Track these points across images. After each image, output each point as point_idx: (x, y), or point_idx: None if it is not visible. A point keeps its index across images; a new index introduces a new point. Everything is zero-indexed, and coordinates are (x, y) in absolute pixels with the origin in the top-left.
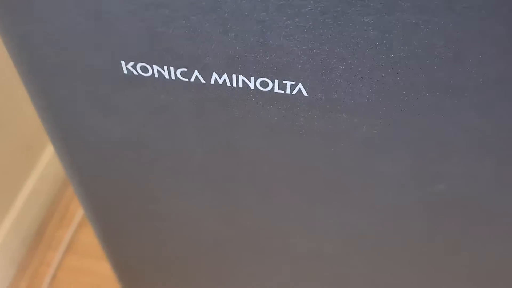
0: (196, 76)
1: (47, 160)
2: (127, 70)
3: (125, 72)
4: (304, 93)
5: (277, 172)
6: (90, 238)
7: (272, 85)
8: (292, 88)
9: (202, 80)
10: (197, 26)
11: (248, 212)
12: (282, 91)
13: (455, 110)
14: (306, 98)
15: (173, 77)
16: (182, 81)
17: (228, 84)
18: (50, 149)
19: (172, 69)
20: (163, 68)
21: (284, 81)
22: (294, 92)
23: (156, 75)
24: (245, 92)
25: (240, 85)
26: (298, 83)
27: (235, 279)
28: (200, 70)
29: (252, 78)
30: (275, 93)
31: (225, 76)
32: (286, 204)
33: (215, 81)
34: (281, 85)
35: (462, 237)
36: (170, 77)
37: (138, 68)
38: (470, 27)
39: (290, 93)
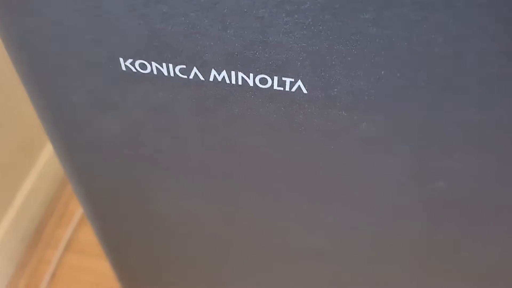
0: (195, 73)
1: (46, 158)
2: (126, 67)
3: (123, 69)
4: (304, 90)
5: (276, 170)
6: (89, 236)
7: (271, 82)
8: (291, 85)
9: (201, 77)
10: (196, 23)
11: (247, 210)
12: (281, 88)
13: (455, 107)
14: (305, 95)
15: (172, 74)
16: (181, 78)
17: (227, 81)
18: (49, 148)
19: (171, 66)
20: (161, 65)
21: (283, 78)
22: (293, 89)
23: (155, 72)
24: (244, 89)
25: (239, 82)
26: (297, 80)
27: (235, 278)
28: (199, 67)
29: (251, 75)
30: (274, 90)
31: (224, 73)
32: (285, 202)
33: (214, 78)
34: (281, 82)
35: (462, 235)
36: (169, 74)
37: (137, 65)
38: (470, 24)
39: (289, 90)
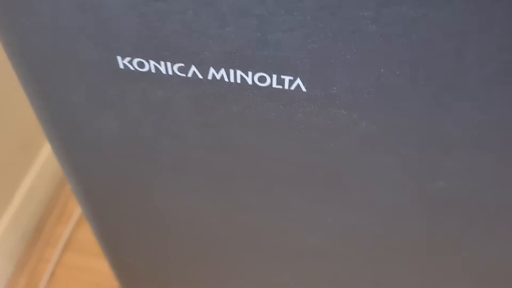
0: (193, 71)
1: (46, 156)
2: (124, 65)
3: (121, 67)
4: (303, 89)
5: (275, 168)
6: (89, 235)
7: (270, 81)
8: (290, 83)
9: (199, 76)
10: (194, 21)
11: (245, 209)
12: (280, 87)
13: (455, 106)
14: (304, 93)
15: (170, 72)
16: (179, 76)
17: (226, 79)
18: (49, 146)
19: (169, 64)
20: (159, 64)
21: (282, 76)
22: (292, 88)
23: (153, 71)
24: (243, 88)
25: (238, 81)
26: (296, 78)
27: (233, 277)
28: (197, 65)
29: (250, 73)
30: (273, 89)
31: (222, 71)
32: (284, 201)
33: (213, 76)
34: (279, 80)
35: (462, 235)
36: (167, 72)
37: (135, 63)
38: (471, 21)
39: (288, 88)
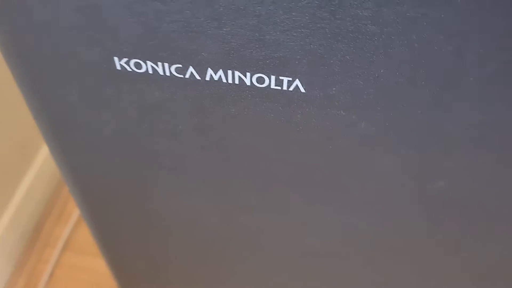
0: (191, 72)
1: (45, 156)
2: (121, 66)
3: (118, 68)
4: (301, 89)
5: (274, 170)
6: (88, 235)
7: (269, 81)
8: (289, 84)
9: (197, 77)
10: (192, 21)
11: (244, 209)
12: (279, 87)
13: (455, 106)
14: (303, 94)
15: (167, 73)
16: (176, 77)
17: (224, 80)
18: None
19: (166, 65)
20: (157, 64)
21: (280, 77)
22: (291, 88)
23: (150, 72)
24: (241, 89)
25: (236, 81)
26: (295, 79)
27: (232, 277)
28: (195, 66)
29: (248, 74)
30: (271, 90)
31: (220, 72)
32: (283, 202)
33: (211, 77)
34: (278, 81)
35: (461, 235)
36: (165, 73)
37: (132, 64)
38: (471, 21)
39: (287, 89)
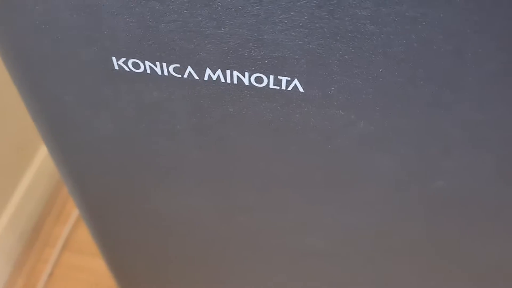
0: (189, 72)
1: (44, 157)
2: (119, 66)
3: (116, 68)
4: (300, 89)
5: (273, 169)
6: (87, 235)
7: (267, 81)
8: (287, 84)
9: (195, 76)
10: (190, 21)
11: (243, 209)
12: (277, 87)
13: (454, 105)
14: (302, 94)
15: (165, 73)
16: (175, 77)
17: (222, 80)
18: None
19: (164, 65)
20: (155, 64)
21: (279, 77)
22: (289, 88)
23: (148, 71)
24: (239, 88)
25: (235, 81)
26: (293, 79)
27: (232, 278)
28: (193, 66)
29: (246, 74)
30: (270, 89)
31: (219, 72)
32: (282, 202)
33: (209, 77)
34: (277, 81)
35: (461, 235)
36: (163, 73)
37: (130, 64)
38: (470, 20)
39: (285, 89)
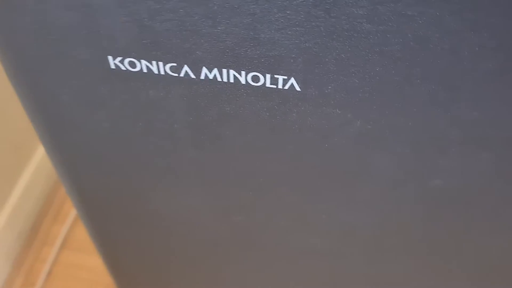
0: (185, 71)
1: (42, 155)
2: (115, 65)
3: (112, 67)
4: (297, 88)
5: (270, 168)
6: (85, 233)
7: (264, 80)
8: (284, 82)
9: (192, 75)
10: (186, 20)
11: (239, 208)
12: (274, 86)
13: (451, 104)
14: (298, 93)
15: (162, 72)
16: (171, 76)
17: (219, 79)
18: None
19: (161, 64)
20: (151, 63)
21: (276, 76)
22: (286, 87)
23: (145, 70)
24: (236, 87)
25: (231, 80)
26: (290, 78)
27: (230, 278)
28: (190, 65)
29: (243, 73)
30: (267, 88)
31: (215, 71)
32: (280, 201)
33: (205, 76)
34: (273, 80)
35: (458, 233)
36: (159, 72)
37: (126, 63)
38: (467, 19)
39: (282, 88)
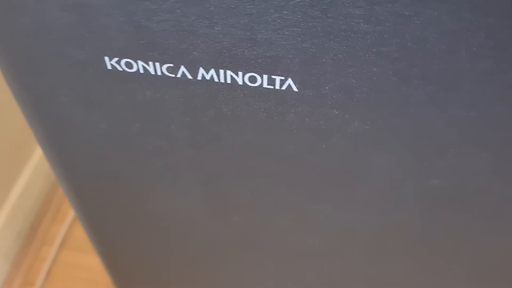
0: (182, 71)
1: (41, 155)
2: (111, 66)
3: (109, 68)
4: (294, 88)
5: (267, 169)
6: (84, 233)
7: (261, 81)
8: (281, 83)
9: (189, 76)
10: (182, 20)
11: (238, 210)
12: (271, 87)
13: (448, 104)
14: (296, 93)
15: (158, 73)
16: (168, 77)
17: (216, 79)
18: None
19: (157, 64)
20: (148, 64)
21: (273, 76)
22: (283, 88)
23: (141, 71)
24: (233, 88)
25: (228, 81)
26: (287, 78)
27: (228, 278)
28: (187, 66)
29: (240, 73)
30: (264, 89)
31: (212, 71)
32: (278, 202)
33: (202, 76)
34: (270, 80)
35: (456, 233)
36: (156, 73)
37: (123, 64)
38: (464, 19)
39: (279, 88)
